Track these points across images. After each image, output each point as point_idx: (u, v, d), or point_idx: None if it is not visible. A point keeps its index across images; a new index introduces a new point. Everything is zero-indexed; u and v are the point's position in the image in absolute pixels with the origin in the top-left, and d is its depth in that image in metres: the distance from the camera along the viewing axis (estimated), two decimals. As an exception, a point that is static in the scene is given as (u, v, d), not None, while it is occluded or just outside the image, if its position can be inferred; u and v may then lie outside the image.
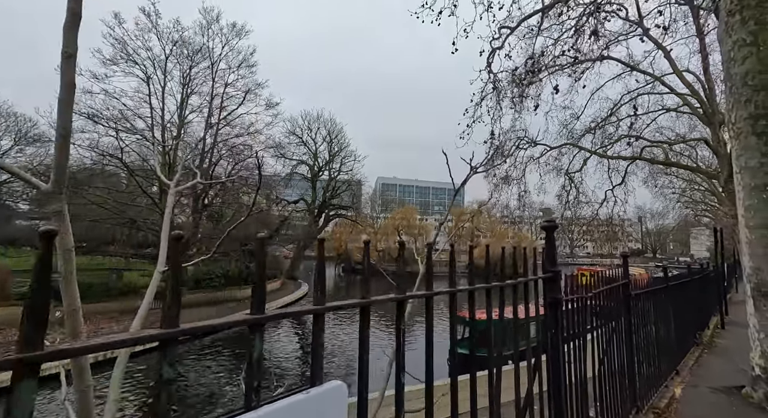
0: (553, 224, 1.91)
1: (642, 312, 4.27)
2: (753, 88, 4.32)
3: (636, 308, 4.07)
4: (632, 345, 3.94)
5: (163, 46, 20.48)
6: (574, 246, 74.76)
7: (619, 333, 3.62)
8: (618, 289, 3.46)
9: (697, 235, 77.55)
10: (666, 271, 5.35)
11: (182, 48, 20.81)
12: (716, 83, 15.45)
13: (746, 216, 4.46)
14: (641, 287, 4.48)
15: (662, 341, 5.04)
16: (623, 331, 3.69)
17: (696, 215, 43.07)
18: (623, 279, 3.65)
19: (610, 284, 3.26)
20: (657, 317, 4.91)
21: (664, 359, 5.01)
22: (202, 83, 22.23)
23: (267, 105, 24.27)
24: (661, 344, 4.95)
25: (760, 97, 4.24)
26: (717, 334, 8.24)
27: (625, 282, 3.61)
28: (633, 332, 3.97)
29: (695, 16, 15.25)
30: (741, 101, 4.44)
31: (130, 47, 19.34)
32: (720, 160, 15.39)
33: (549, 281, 1.83)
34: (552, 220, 1.92)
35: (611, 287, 3.21)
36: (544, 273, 1.84)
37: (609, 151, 18.35)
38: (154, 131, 19.78)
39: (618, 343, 3.56)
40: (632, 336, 3.87)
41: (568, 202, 18.38)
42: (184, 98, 21.58)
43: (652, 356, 4.61)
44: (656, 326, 4.87)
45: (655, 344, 4.77)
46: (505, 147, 19.40)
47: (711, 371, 5.45)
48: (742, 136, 4.46)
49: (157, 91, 20.49)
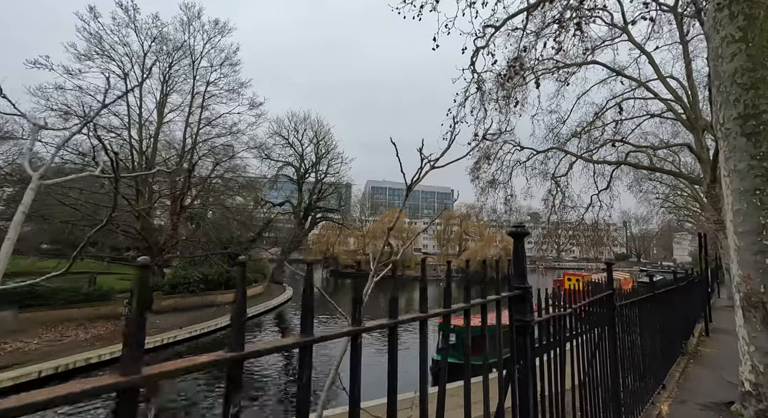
0: (523, 230, 1.57)
1: (628, 323, 3.98)
2: (742, 87, 4.09)
3: (621, 319, 3.78)
4: (617, 359, 3.65)
5: (141, 42, 19.86)
6: (561, 250, 75.74)
7: (602, 347, 3.32)
8: (602, 300, 3.15)
9: (680, 240, 79.26)
10: (652, 278, 5.09)
11: (162, 44, 20.22)
12: (699, 89, 15.60)
13: (735, 222, 4.22)
14: (626, 293, 4.20)
15: (648, 352, 4.78)
16: (607, 344, 3.39)
17: (679, 220, 43.91)
18: (607, 289, 3.34)
19: (593, 294, 2.94)
20: (643, 327, 4.65)
21: (650, 372, 4.75)
22: (182, 81, 21.66)
23: (250, 105, 23.74)
24: (647, 355, 4.69)
25: (749, 95, 4.01)
26: (702, 342, 8.07)
27: (610, 293, 3.30)
28: (618, 344, 3.68)
29: (678, 22, 15.40)
30: (729, 100, 4.21)
31: (106, 43, 18.70)
32: (703, 165, 15.49)
33: (516, 301, 1.49)
34: (521, 225, 1.58)
35: (594, 299, 2.89)
36: (511, 290, 1.50)
37: (595, 156, 18.40)
38: (131, 130, 19.04)
39: (602, 357, 3.25)
40: (617, 349, 3.57)
41: (554, 207, 18.32)
42: (164, 96, 20.88)
43: (638, 369, 4.33)
44: (642, 336, 4.61)
45: (641, 356, 4.50)
46: (491, 150, 19.34)
47: (698, 385, 5.20)
48: (731, 138, 4.23)
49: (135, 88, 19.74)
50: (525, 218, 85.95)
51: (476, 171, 19.67)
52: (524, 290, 1.51)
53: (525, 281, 1.53)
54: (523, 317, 1.49)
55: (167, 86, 20.83)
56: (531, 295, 1.54)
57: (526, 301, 1.52)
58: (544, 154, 18.52)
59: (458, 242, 58.04)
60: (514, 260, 1.57)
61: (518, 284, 1.51)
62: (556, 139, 18.56)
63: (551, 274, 58.30)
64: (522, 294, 1.50)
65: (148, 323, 10.83)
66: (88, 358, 11.78)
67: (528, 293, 1.52)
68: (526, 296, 1.51)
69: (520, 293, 1.50)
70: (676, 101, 15.53)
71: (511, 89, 12.22)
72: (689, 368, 6.01)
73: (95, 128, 14.63)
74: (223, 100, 22.79)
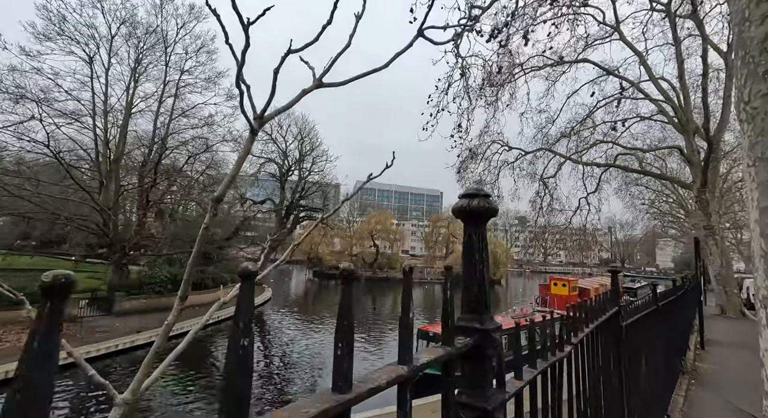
0: (482, 203, 0.74)
1: (635, 345, 3.18)
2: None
3: (628, 342, 2.97)
4: (622, 388, 2.85)
5: (109, 24, 18.44)
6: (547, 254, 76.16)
7: (603, 382, 2.51)
8: (607, 321, 2.33)
9: (663, 246, 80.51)
10: (655, 288, 4.33)
11: (132, 28, 18.84)
12: (691, 89, 15.21)
13: (762, 222, 3.44)
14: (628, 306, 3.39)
15: (652, 376, 4.00)
16: (612, 377, 2.58)
17: (663, 226, 44.16)
18: (612, 305, 2.52)
19: (597, 315, 2.12)
20: (648, 347, 3.87)
21: (654, 400, 3.97)
22: (154, 68, 20.28)
23: (228, 96, 22.47)
24: (651, 381, 3.91)
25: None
26: (698, 356, 7.41)
27: (616, 310, 2.49)
28: (623, 376, 2.87)
29: (672, 22, 14.96)
30: (758, 73, 3.43)
31: (69, 23, 17.26)
32: (693, 169, 15.07)
33: (462, 360, 0.65)
34: (479, 190, 0.74)
35: (600, 324, 2.07)
36: (448, 336, 0.65)
37: (584, 158, 17.89)
38: (96, 118, 17.61)
39: (605, 387, 2.44)
40: (623, 384, 2.76)
41: (541, 209, 17.71)
42: (133, 83, 19.50)
43: (645, 399, 3.55)
44: (647, 358, 3.83)
45: (647, 384, 3.72)
46: (479, 150, 18.66)
47: (704, 412, 4.44)
48: (759, 118, 3.44)
49: (101, 74, 18.35)
50: (513, 222, 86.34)
51: (463, 171, 18.98)
52: (481, 336, 0.66)
53: (483, 312, 0.69)
54: (474, 401, 0.65)
55: (137, 73, 19.49)
56: (494, 344, 0.69)
57: (485, 359, 0.67)
58: (532, 155, 17.93)
59: (445, 244, 57.49)
60: (465, 266, 0.73)
61: (467, 323, 0.67)
62: (545, 139, 18.00)
63: (537, 278, 58.25)
64: (475, 346, 0.65)
65: (104, 325, 9.39)
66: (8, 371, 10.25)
67: (488, 342, 0.67)
68: (486, 348, 0.66)
69: (470, 344, 0.65)
70: (667, 102, 15.09)
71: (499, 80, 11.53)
72: (691, 389, 5.27)
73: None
74: (198, 90, 21.59)
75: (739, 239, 38.80)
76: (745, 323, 12.84)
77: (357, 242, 51.23)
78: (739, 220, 34.71)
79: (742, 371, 6.50)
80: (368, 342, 18.11)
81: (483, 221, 0.79)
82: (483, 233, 0.78)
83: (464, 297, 0.76)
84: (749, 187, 3.94)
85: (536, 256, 76.11)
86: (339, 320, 0.53)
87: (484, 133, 16.93)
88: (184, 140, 19.93)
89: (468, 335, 0.71)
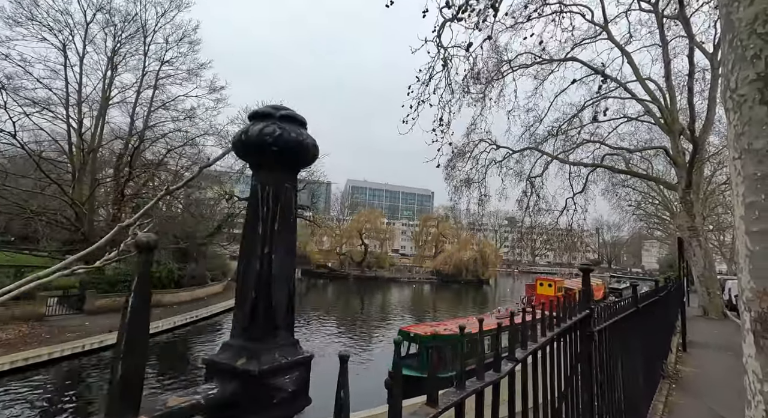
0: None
1: (608, 352, 2.90)
2: (764, 39, 3.06)
3: (600, 348, 2.69)
4: (593, 404, 2.57)
5: (84, 10, 17.62)
6: (536, 255, 76.74)
7: (574, 390, 2.22)
8: (574, 326, 2.03)
9: (649, 247, 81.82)
10: (635, 289, 4.08)
11: (108, 15, 18.07)
12: (678, 89, 15.22)
13: (747, 218, 3.18)
14: (605, 307, 3.11)
15: (629, 383, 3.75)
16: (580, 391, 2.29)
17: (649, 227, 44.76)
18: (582, 308, 2.23)
19: (559, 322, 1.81)
20: (624, 352, 3.62)
21: (631, 408, 3.72)
22: (132, 57, 19.49)
23: (210, 88, 21.76)
24: (628, 388, 3.66)
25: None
26: (680, 359, 7.25)
27: (587, 314, 2.19)
28: (595, 388, 2.59)
29: (659, 22, 14.90)
30: (746, 57, 3.16)
31: (42, 8, 16.42)
32: (678, 170, 15.06)
33: None
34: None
35: (564, 329, 1.77)
36: None
37: (571, 157, 17.80)
38: (70, 109, 16.83)
39: (572, 403, 2.15)
40: (593, 397, 2.48)
41: (528, 208, 17.57)
42: (110, 73, 18.67)
43: (618, 408, 3.29)
44: (623, 364, 3.57)
45: (622, 392, 3.46)
46: (466, 148, 18.45)
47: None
48: (746, 107, 3.18)
49: (76, 62, 17.54)
50: (503, 223, 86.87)
51: (450, 169, 18.77)
52: (244, 385, 0.35)
53: (266, 335, 0.40)
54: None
55: (114, 62, 18.69)
56: (271, 399, 0.37)
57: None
58: (519, 154, 17.78)
59: (434, 243, 57.37)
60: (243, 249, 0.42)
61: (223, 358, 0.36)
62: (533, 138, 17.86)
63: (525, 278, 58.58)
64: (228, 402, 0.34)
65: (73, 325, 8.73)
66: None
67: (257, 396, 0.36)
68: (250, 408, 0.35)
69: (217, 398, 0.34)
70: (654, 102, 15.06)
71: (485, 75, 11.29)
72: (672, 395, 5.05)
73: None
74: (178, 81, 20.84)
75: (722, 241, 39.61)
76: (727, 324, 12.85)
77: (346, 241, 50.73)
78: (722, 222, 35.41)
79: (724, 375, 6.34)
80: (355, 343, 17.74)
81: (280, 164, 0.48)
82: (283, 186, 0.47)
83: (237, 305, 0.44)
84: (735, 181, 3.59)
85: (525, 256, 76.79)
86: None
87: (471, 130, 16.71)
88: (163, 133, 19.21)
89: (222, 379, 0.39)
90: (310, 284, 43.16)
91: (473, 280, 46.63)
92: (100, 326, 13.79)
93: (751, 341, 3.05)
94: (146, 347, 0.38)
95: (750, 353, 3.08)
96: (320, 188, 49.19)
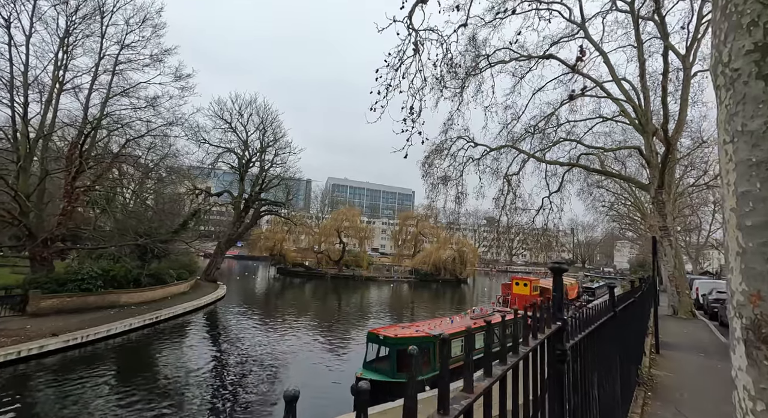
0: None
1: (582, 366, 2.43)
2: (763, 2, 2.64)
3: (574, 365, 2.21)
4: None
5: (31, -17, 16.06)
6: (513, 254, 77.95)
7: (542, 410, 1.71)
8: (542, 346, 1.51)
9: (621, 248, 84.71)
10: (612, 291, 3.67)
11: (60, -9, 16.57)
12: (652, 89, 15.34)
13: (739, 211, 2.77)
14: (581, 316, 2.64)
15: (605, 397, 3.32)
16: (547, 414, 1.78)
17: (621, 228, 46.09)
18: (556, 320, 1.72)
19: (526, 339, 1.29)
20: (600, 363, 3.17)
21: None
22: (88, 39, 17.94)
23: (175, 76, 20.44)
24: (604, 402, 3.23)
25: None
26: (654, 362, 7.01)
27: (558, 328, 1.68)
28: (567, 406, 2.10)
29: (635, 22, 14.94)
30: (742, 25, 2.74)
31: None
32: (651, 170, 15.18)
33: None
34: None
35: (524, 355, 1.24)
36: None
37: (547, 156, 17.73)
38: (14, 92, 15.22)
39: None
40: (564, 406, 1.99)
41: (505, 207, 17.38)
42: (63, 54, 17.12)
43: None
44: (599, 377, 3.12)
45: (598, 407, 3.01)
46: (444, 145, 18.09)
47: (664, 435, 3.85)
48: (739, 83, 2.77)
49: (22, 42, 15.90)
50: (482, 222, 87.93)
51: (428, 166, 18.37)
52: None
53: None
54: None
55: (67, 44, 17.16)
56: None
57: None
58: (497, 151, 17.56)
59: (414, 242, 57.16)
60: None
61: None
62: (510, 136, 17.68)
63: (502, 277, 59.27)
64: None
65: (12, 329, 7.33)
66: None
67: None
68: None
69: None
70: (629, 102, 15.11)
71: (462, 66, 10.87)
72: (647, 404, 4.70)
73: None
74: (140, 67, 19.43)
75: (688, 241, 41.36)
76: (697, 323, 12.99)
77: (324, 239, 49.76)
78: (689, 223, 36.92)
79: (698, 379, 6.13)
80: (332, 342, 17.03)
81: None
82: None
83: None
84: (725, 168, 2.96)
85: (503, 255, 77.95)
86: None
87: (448, 127, 16.33)
88: (123, 122, 17.81)
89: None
90: (286, 282, 42.06)
91: (451, 279, 46.67)
92: (42, 329, 12.57)
93: (741, 352, 2.45)
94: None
95: (740, 366, 2.49)
96: (298, 185, 47.98)
